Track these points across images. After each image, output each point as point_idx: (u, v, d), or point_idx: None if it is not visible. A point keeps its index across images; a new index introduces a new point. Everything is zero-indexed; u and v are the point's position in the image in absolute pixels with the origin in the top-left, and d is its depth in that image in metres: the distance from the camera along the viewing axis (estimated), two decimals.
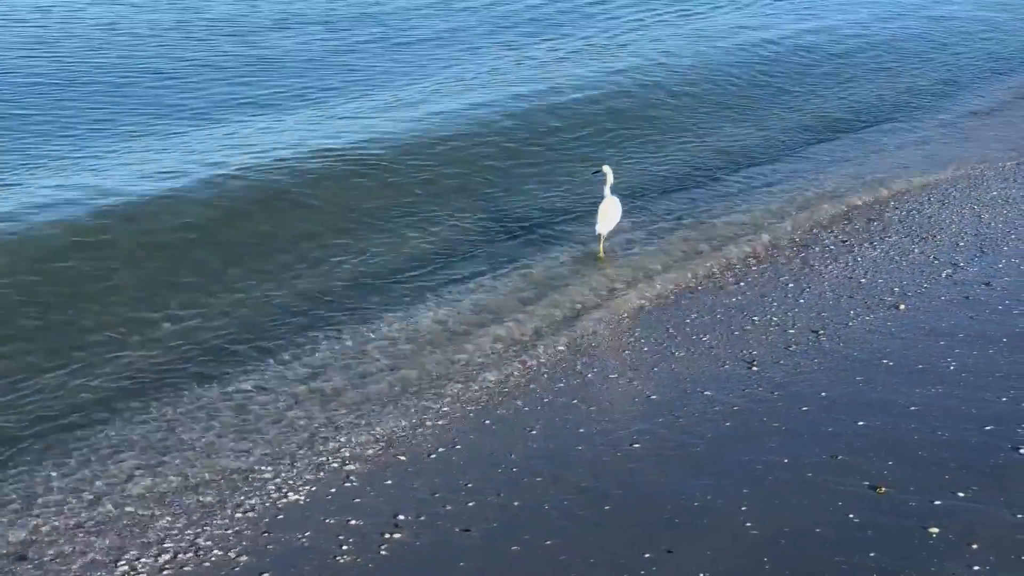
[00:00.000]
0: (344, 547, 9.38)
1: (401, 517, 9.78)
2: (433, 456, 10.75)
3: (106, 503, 9.86)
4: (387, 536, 9.53)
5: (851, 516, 9.75)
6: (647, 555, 9.29)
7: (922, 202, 17.32)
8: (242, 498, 10.00)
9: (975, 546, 9.33)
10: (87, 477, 10.20)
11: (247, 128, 18.81)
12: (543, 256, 15.05)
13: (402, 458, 10.70)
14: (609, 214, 15.14)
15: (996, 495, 10.00)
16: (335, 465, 10.52)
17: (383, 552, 9.35)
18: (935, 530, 9.54)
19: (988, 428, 11.07)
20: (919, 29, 27.13)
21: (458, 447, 10.90)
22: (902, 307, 13.72)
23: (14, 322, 12.65)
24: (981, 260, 15.07)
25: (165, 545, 9.40)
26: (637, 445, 10.90)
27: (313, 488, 10.20)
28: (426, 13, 25.98)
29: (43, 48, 22.18)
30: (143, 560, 9.21)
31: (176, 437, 10.85)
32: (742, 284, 14.47)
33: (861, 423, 11.19)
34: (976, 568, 9.09)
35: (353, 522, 9.72)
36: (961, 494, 10.03)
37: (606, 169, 15.51)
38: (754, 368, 12.32)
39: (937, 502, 9.92)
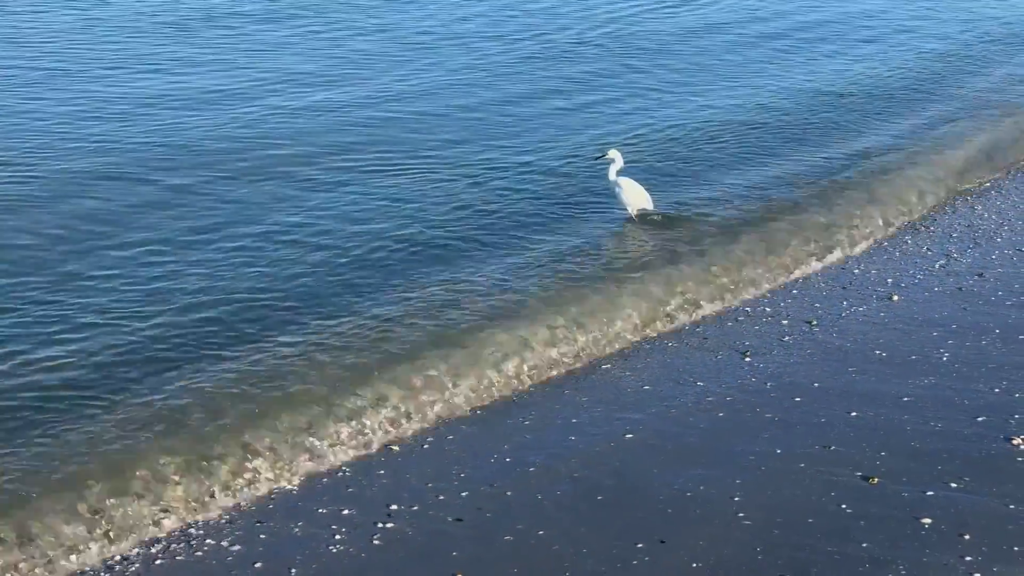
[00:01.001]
0: (337, 536, 9.39)
1: (394, 507, 9.78)
2: (426, 447, 10.75)
3: (98, 492, 9.83)
4: (380, 526, 9.53)
5: (843, 506, 9.77)
6: (639, 545, 9.29)
7: (915, 192, 17.29)
8: (235, 487, 10.00)
9: (967, 536, 9.35)
10: (78, 465, 10.16)
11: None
12: (535, 247, 14.95)
13: (395, 448, 10.70)
14: (641, 190, 15.17)
15: (988, 486, 10.02)
16: (328, 455, 10.52)
17: (376, 542, 9.36)
18: (927, 520, 9.56)
19: (980, 419, 11.09)
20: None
21: (451, 437, 10.90)
22: (895, 298, 13.73)
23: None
24: (974, 251, 15.09)
25: (157, 535, 9.40)
26: (630, 435, 10.91)
27: (305, 478, 10.20)
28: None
29: None
30: (136, 550, 9.21)
31: (167, 424, 10.79)
32: (736, 275, 14.39)
33: (854, 414, 11.21)
34: (968, 559, 9.10)
35: (346, 512, 9.72)
36: (953, 485, 10.05)
37: (613, 153, 15.37)
38: (747, 359, 12.33)
39: (929, 493, 9.94)
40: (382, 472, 10.31)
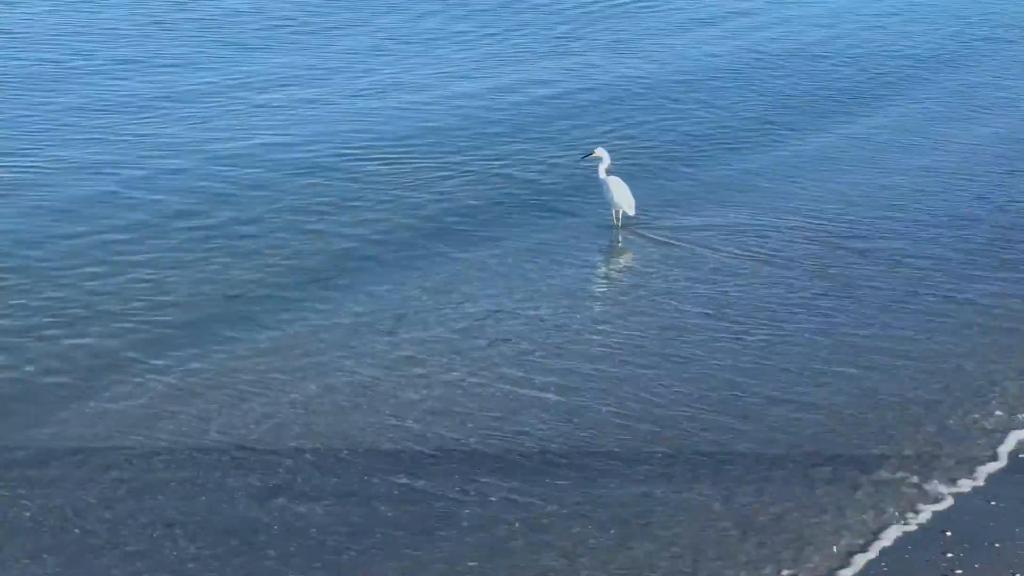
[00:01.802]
0: None
1: None
2: None
3: None
4: None
5: None
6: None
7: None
8: None
9: (949, 533, 9.45)
10: None
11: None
12: (533, 245, 14.77)
13: None
14: (626, 192, 14.85)
15: (971, 483, 10.12)
16: None
17: None
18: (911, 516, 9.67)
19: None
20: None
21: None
22: None
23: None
24: None
25: None
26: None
27: None
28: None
29: None
30: None
31: None
32: (736, 276, 14.23)
33: None
34: (950, 555, 9.20)
35: None
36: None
37: (600, 152, 15.10)
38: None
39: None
40: None
